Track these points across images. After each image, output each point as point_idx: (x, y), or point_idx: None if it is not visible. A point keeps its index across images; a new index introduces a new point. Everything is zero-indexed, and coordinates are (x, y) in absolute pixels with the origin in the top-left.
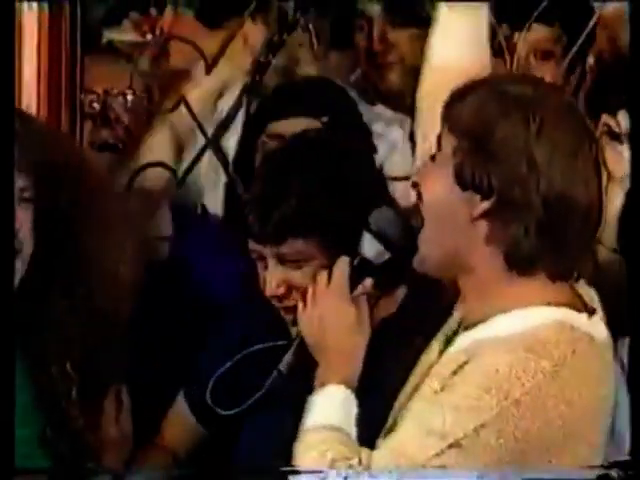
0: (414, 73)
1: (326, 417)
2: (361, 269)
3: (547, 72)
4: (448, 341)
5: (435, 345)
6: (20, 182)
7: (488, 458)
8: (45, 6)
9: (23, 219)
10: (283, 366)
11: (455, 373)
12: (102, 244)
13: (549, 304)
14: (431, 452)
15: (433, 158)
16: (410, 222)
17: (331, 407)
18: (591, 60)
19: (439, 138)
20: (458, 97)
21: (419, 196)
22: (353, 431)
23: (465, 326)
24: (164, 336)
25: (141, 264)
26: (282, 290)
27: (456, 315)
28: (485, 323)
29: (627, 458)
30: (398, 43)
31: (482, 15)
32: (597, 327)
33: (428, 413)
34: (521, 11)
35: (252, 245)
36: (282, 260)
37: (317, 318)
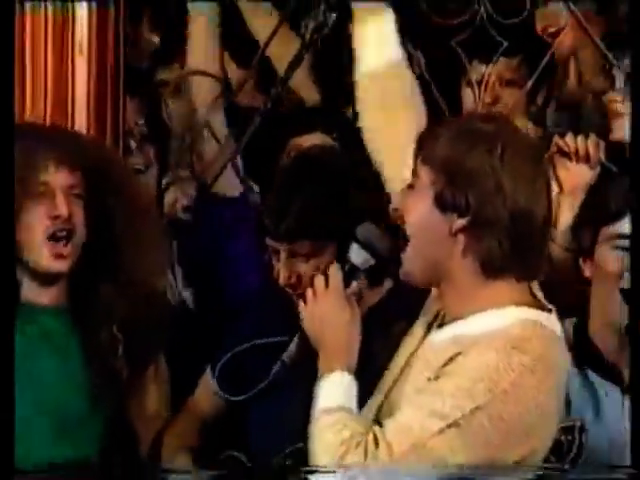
0: None
1: (335, 400)
2: (350, 273)
3: (511, 97)
4: (429, 328)
5: (417, 330)
6: (70, 180)
7: (482, 438)
8: (94, 46)
9: (75, 211)
10: (286, 357)
11: (446, 365)
12: (138, 233)
13: (517, 304)
14: (435, 429)
15: (411, 186)
16: (391, 234)
17: (338, 391)
18: (550, 86)
19: (414, 169)
20: (429, 135)
21: (401, 219)
22: (356, 411)
23: (445, 321)
24: (196, 313)
25: (170, 251)
26: (293, 280)
27: (434, 305)
28: (464, 320)
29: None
30: None
31: (390, 26)
32: (555, 323)
33: (428, 397)
34: (489, 47)
35: (268, 241)
36: (293, 254)
37: (318, 316)
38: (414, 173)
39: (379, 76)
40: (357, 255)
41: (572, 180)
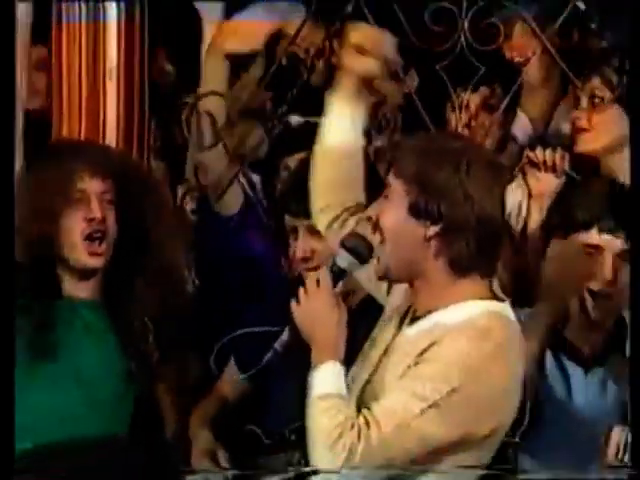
0: None
1: (329, 387)
2: (337, 275)
3: (488, 120)
4: (401, 321)
5: (391, 324)
6: (102, 187)
7: (458, 416)
8: (122, 73)
9: (108, 214)
10: (279, 345)
11: (423, 353)
12: (162, 232)
13: (480, 298)
14: (417, 410)
15: (386, 196)
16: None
17: (331, 379)
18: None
19: (386, 182)
20: (401, 150)
21: (375, 225)
22: (347, 396)
23: (417, 314)
24: (224, 307)
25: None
26: (308, 254)
27: (404, 301)
28: (436, 312)
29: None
30: None
31: (360, 108)
32: (511, 312)
33: (409, 382)
34: (469, 76)
35: (288, 220)
36: (311, 232)
37: (310, 313)
38: (387, 185)
39: (335, 153)
40: (343, 260)
41: (540, 187)
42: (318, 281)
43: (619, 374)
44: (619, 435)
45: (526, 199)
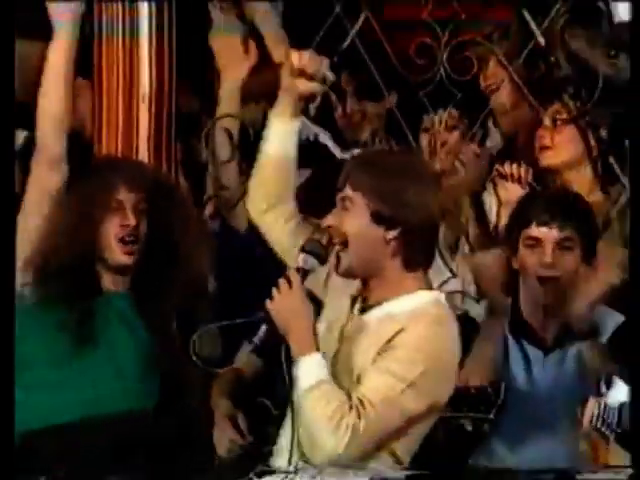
0: None
1: (315, 376)
2: (301, 275)
3: (454, 139)
4: (351, 309)
5: (341, 311)
6: (136, 198)
7: (430, 391)
8: (154, 97)
9: (140, 221)
10: (257, 339)
11: (391, 340)
12: (187, 236)
13: (424, 289)
14: (398, 389)
15: (345, 208)
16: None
17: (316, 369)
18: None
19: (344, 195)
20: (358, 168)
21: (337, 232)
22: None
23: (369, 304)
24: (236, 297)
25: (212, 252)
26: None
27: (353, 289)
28: (389, 302)
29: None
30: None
31: (297, 124)
32: (446, 302)
33: (386, 364)
34: (447, 101)
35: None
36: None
37: (284, 310)
38: (345, 198)
39: (273, 163)
40: (305, 262)
41: (508, 196)
42: (289, 281)
43: (577, 355)
44: (593, 406)
45: (496, 206)
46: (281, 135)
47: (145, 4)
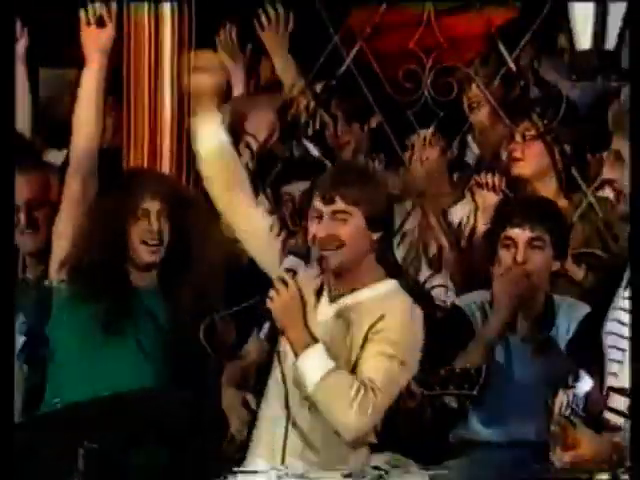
0: None
1: (322, 367)
2: (292, 275)
3: (434, 154)
4: (317, 298)
5: (309, 300)
6: (160, 206)
7: (412, 366)
8: (175, 124)
9: (163, 226)
10: (262, 334)
11: (376, 323)
12: (204, 238)
13: (382, 278)
14: (396, 369)
15: (344, 220)
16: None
17: (320, 361)
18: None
19: (338, 209)
20: (343, 183)
21: (330, 240)
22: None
23: (341, 292)
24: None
25: (224, 254)
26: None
27: (319, 280)
28: (361, 290)
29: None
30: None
31: (219, 117)
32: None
33: (381, 349)
34: (431, 120)
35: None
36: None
37: (283, 309)
38: (338, 211)
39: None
40: (292, 262)
41: (485, 202)
42: (284, 281)
43: (551, 345)
44: (562, 396)
45: (473, 212)
46: (208, 129)
47: (168, 24)
